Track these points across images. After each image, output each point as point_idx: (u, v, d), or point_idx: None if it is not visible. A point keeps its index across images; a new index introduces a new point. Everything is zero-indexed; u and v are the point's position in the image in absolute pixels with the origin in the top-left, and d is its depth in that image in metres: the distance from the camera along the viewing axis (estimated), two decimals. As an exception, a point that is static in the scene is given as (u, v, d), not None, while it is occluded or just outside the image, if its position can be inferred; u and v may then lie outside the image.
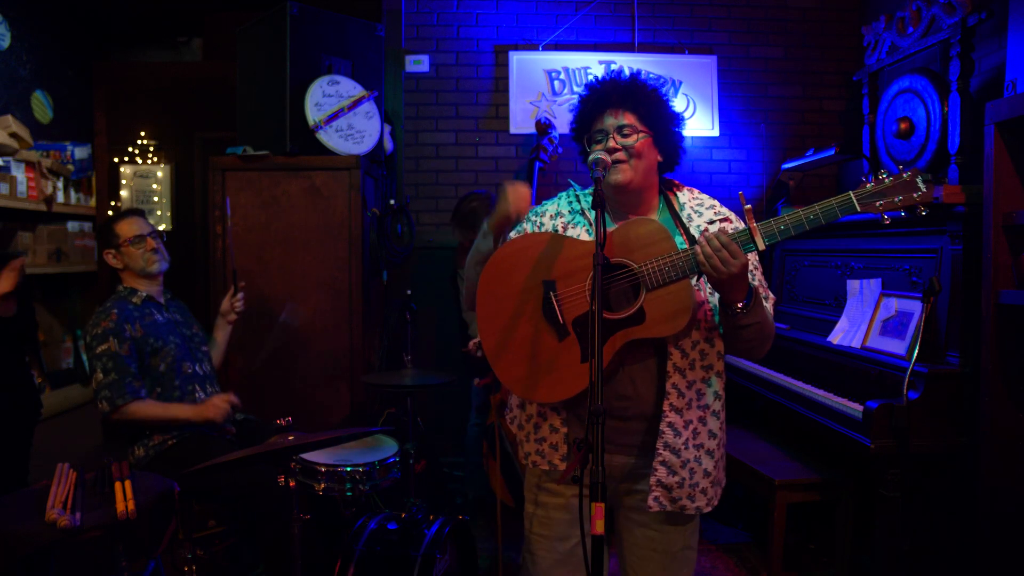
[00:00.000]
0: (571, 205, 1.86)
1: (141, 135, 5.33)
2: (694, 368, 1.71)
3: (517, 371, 1.71)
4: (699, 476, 1.72)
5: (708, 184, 4.29)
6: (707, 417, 1.73)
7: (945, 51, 2.95)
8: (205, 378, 2.77)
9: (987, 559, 2.40)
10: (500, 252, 1.77)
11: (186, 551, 2.41)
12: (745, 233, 1.56)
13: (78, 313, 4.11)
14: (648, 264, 1.62)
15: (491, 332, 1.74)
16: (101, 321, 2.57)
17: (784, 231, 1.56)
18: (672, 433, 1.69)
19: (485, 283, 1.76)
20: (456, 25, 4.20)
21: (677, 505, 1.71)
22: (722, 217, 1.78)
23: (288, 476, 1.95)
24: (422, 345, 4.09)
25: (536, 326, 1.70)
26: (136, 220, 2.75)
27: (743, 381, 3.47)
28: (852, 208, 1.57)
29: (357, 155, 3.38)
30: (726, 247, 1.53)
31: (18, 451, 2.74)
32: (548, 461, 1.78)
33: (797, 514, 3.20)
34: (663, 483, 1.69)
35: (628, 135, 1.71)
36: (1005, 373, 2.35)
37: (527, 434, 1.83)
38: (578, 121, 1.82)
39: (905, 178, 1.56)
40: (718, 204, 1.82)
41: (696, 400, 1.71)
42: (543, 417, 1.79)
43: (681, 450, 1.70)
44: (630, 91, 1.74)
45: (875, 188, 1.56)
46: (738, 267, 1.53)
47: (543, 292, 1.71)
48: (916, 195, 1.56)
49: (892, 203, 1.56)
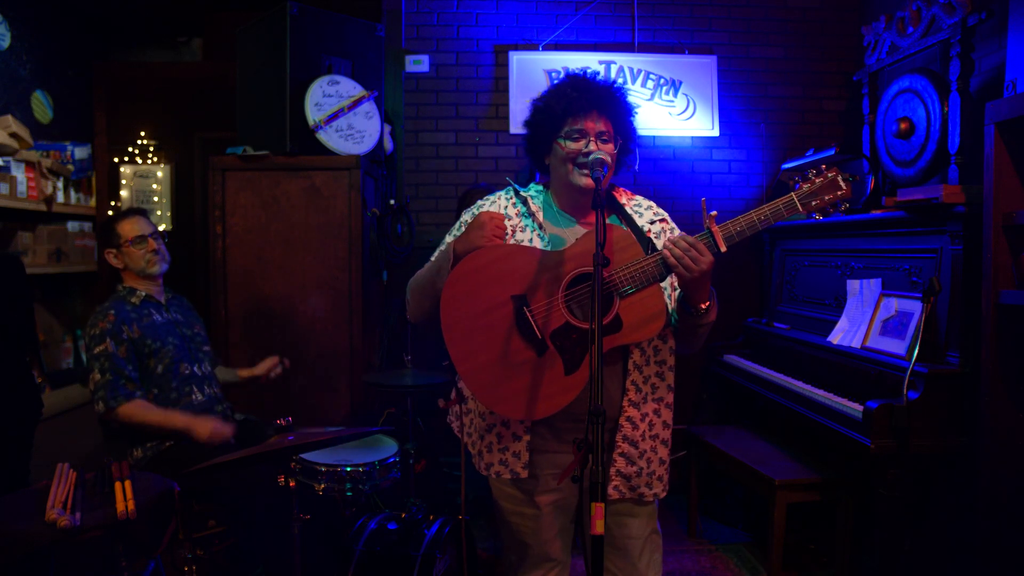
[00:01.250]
0: (516, 206, 1.84)
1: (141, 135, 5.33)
2: (649, 364, 1.77)
3: (500, 392, 1.67)
4: (655, 464, 1.80)
5: (708, 184, 4.30)
6: (661, 409, 1.80)
7: (945, 51, 2.95)
8: (204, 379, 2.76)
9: (987, 559, 2.40)
10: (463, 267, 1.72)
11: (186, 551, 2.41)
12: (706, 236, 1.62)
13: (78, 313, 4.11)
14: (618, 272, 1.64)
15: (465, 354, 1.70)
16: (99, 321, 2.56)
17: (740, 232, 1.64)
18: (630, 426, 1.76)
19: (450, 302, 1.71)
20: (456, 25, 4.20)
21: (636, 493, 1.80)
22: (660, 218, 1.85)
23: (288, 476, 1.95)
24: (422, 345, 4.08)
25: (512, 343, 1.67)
26: (138, 220, 2.74)
27: (743, 381, 3.47)
28: (795, 207, 1.66)
29: (357, 155, 3.38)
30: (693, 246, 1.59)
31: (18, 451, 2.74)
32: (511, 470, 1.80)
33: (797, 514, 3.20)
34: (622, 473, 1.77)
35: (607, 142, 1.75)
36: (1005, 373, 2.35)
37: (489, 444, 1.83)
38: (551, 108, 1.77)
39: (829, 177, 1.66)
40: (654, 205, 1.89)
41: (651, 393, 1.78)
42: (506, 427, 1.80)
43: (639, 441, 1.77)
44: (616, 101, 1.77)
45: (809, 188, 1.67)
46: (707, 264, 1.59)
47: (515, 307, 1.68)
48: (839, 192, 1.65)
49: (822, 201, 1.66)
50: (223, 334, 3.29)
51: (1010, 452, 2.35)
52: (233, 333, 3.31)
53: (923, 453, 2.52)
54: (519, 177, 4.20)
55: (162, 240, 2.78)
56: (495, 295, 1.69)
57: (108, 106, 4.57)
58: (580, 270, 1.68)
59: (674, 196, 4.26)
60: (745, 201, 4.31)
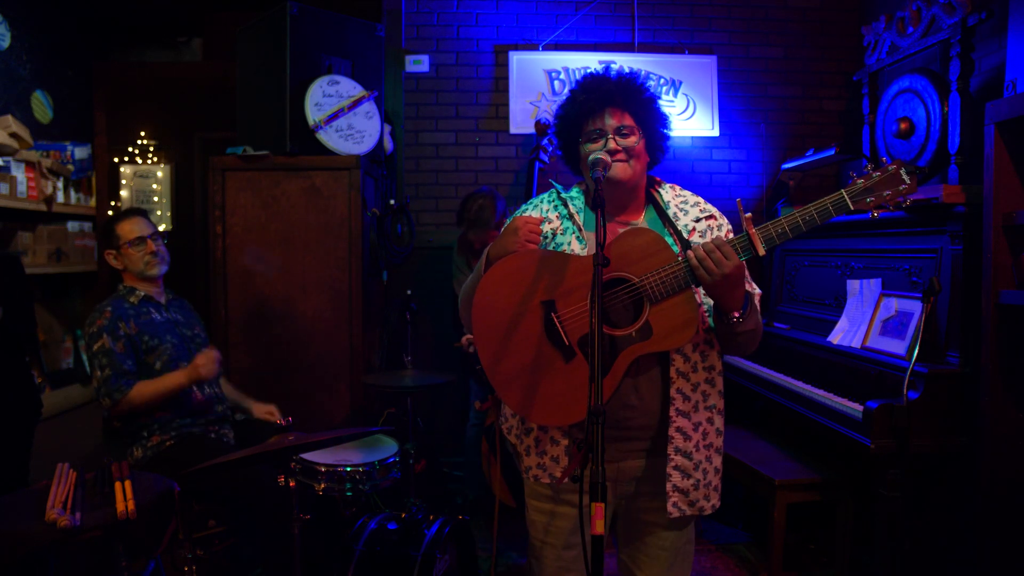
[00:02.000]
0: (557, 209, 1.82)
1: (141, 135, 5.33)
2: (697, 371, 1.71)
3: (529, 399, 1.66)
4: (711, 475, 1.74)
5: (708, 184, 4.30)
6: (714, 417, 1.74)
7: (945, 51, 2.95)
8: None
9: (987, 559, 2.40)
10: (493, 272, 1.70)
11: (186, 551, 2.41)
12: (744, 239, 1.56)
13: (78, 313, 4.11)
14: (649, 276, 1.60)
15: (495, 360, 1.68)
16: (96, 319, 2.57)
17: (782, 234, 1.56)
18: (682, 437, 1.69)
19: (481, 308, 1.70)
20: (456, 25, 4.20)
21: (695, 508, 1.72)
22: (708, 215, 1.78)
23: (288, 476, 1.95)
24: (422, 345, 4.09)
25: (541, 349, 1.65)
26: (138, 221, 2.73)
27: (743, 381, 3.47)
28: (846, 206, 1.57)
29: (357, 155, 3.38)
30: (719, 248, 1.53)
31: (18, 451, 2.74)
32: (550, 474, 1.76)
33: (797, 514, 3.19)
34: (679, 488, 1.70)
35: (627, 135, 1.71)
36: (1005, 373, 2.35)
37: (527, 448, 1.80)
38: (569, 116, 1.77)
39: (891, 171, 1.56)
40: (703, 201, 1.82)
41: (703, 402, 1.72)
42: (543, 430, 1.77)
43: (692, 452, 1.70)
44: (629, 92, 1.73)
45: (865, 184, 1.57)
46: (731, 267, 1.53)
47: (544, 313, 1.66)
48: (902, 187, 1.56)
49: (881, 197, 1.56)
50: (223, 334, 3.29)
51: (1010, 452, 2.35)
52: (233, 333, 3.31)
53: (923, 453, 2.52)
54: (518, 178, 4.21)
55: (162, 241, 2.77)
56: (524, 301, 1.66)
57: (108, 106, 4.57)
58: (609, 275, 1.64)
59: (674, 196, 4.26)
60: (745, 201, 4.31)
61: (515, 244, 1.69)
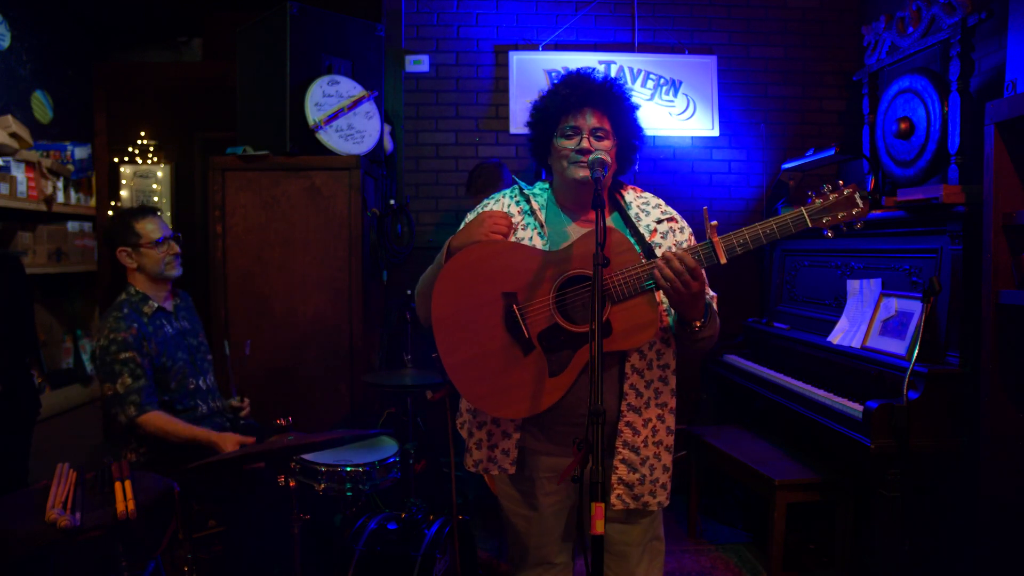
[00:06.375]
0: (519, 204, 1.83)
1: (141, 135, 5.32)
2: (652, 368, 1.73)
3: (482, 388, 1.68)
4: (659, 472, 1.76)
5: (708, 184, 4.30)
6: (665, 415, 1.77)
7: (945, 51, 2.95)
8: (208, 392, 2.74)
9: (987, 559, 2.40)
10: (456, 260, 1.71)
11: (186, 551, 2.41)
12: (708, 246, 1.59)
13: (78, 313, 4.11)
14: (613, 276, 1.62)
15: (452, 348, 1.69)
16: (119, 329, 2.49)
17: (743, 245, 1.61)
18: (631, 432, 1.72)
19: (442, 296, 1.70)
20: (456, 25, 4.20)
21: (639, 502, 1.75)
22: (668, 216, 1.81)
23: (288, 476, 1.95)
24: (422, 345, 4.08)
25: (500, 341, 1.66)
26: (158, 221, 2.67)
27: (743, 381, 3.47)
28: (804, 223, 1.62)
29: (357, 155, 3.38)
30: (689, 271, 1.55)
31: (18, 451, 2.74)
32: (499, 466, 1.79)
33: (797, 514, 3.19)
34: (624, 481, 1.73)
35: (602, 138, 1.72)
36: (1005, 373, 2.35)
37: (478, 441, 1.82)
38: (547, 109, 1.77)
39: (846, 194, 1.63)
40: (663, 204, 1.85)
41: (654, 399, 1.74)
42: (496, 424, 1.79)
43: (640, 448, 1.73)
44: (611, 96, 1.74)
45: (823, 204, 1.63)
46: (697, 287, 1.56)
47: (505, 305, 1.67)
48: (854, 211, 1.62)
49: (835, 218, 1.62)
50: (223, 334, 3.29)
51: (1010, 452, 2.35)
52: (233, 333, 3.31)
53: (923, 453, 2.51)
54: (524, 177, 4.21)
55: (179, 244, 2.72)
56: (486, 291, 1.68)
57: (108, 106, 4.57)
58: (573, 272, 1.66)
59: (674, 196, 4.26)
60: (745, 201, 4.31)
61: (480, 235, 1.71)
